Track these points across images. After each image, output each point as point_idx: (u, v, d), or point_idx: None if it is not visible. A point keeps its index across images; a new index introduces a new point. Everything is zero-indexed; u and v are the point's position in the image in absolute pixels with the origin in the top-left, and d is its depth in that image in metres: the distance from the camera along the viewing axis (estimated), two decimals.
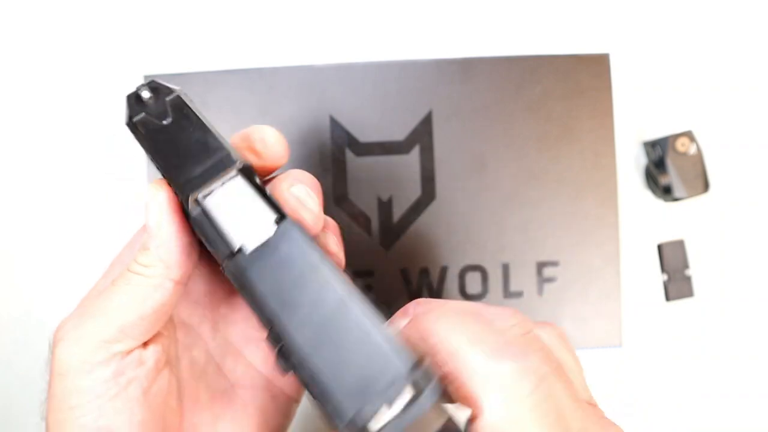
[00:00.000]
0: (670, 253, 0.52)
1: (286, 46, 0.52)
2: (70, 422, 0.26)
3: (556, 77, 0.48)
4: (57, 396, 0.26)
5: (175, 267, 0.27)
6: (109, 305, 0.27)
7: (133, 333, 0.27)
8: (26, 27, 0.52)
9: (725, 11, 0.53)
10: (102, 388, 0.26)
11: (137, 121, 0.27)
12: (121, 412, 0.26)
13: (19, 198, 0.52)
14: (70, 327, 0.27)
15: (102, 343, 0.26)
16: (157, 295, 0.27)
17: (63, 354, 0.26)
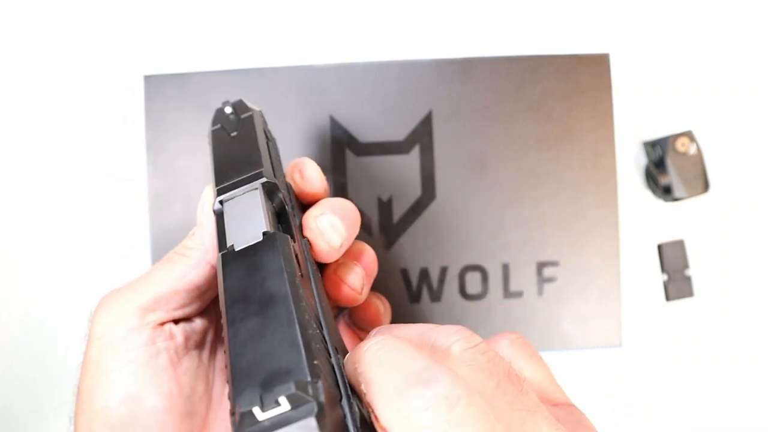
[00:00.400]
0: (670, 253, 0.52)
1: (286, 46, 0.52)
2: (102, 387, 0.27)
3: (556, 77, 0.48)
4: (92, 360, 0.28)
5: (212, 251, 0.29)
6: (147, 278, 0.29)
7: (166, 305, 0.29)
8: (26, 27, 0.52)
9: (725, 11, 0.53)
10: (134, 354, 0.28)
11: (213, 130, 0.33)
12: (151, 382, 0.28)
13: (19, 198, 0.52)
14: (112, 295, 0.29)
15: (136, 310, 0.28)
16: (192, 274, 0.29)
17: (100, 318, 0.28)
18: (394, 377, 0.20)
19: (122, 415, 0.27)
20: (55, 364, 0.52)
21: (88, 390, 0.28)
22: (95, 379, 0.28)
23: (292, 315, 0.22)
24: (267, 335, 0.21)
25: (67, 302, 0.52)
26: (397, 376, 0.20)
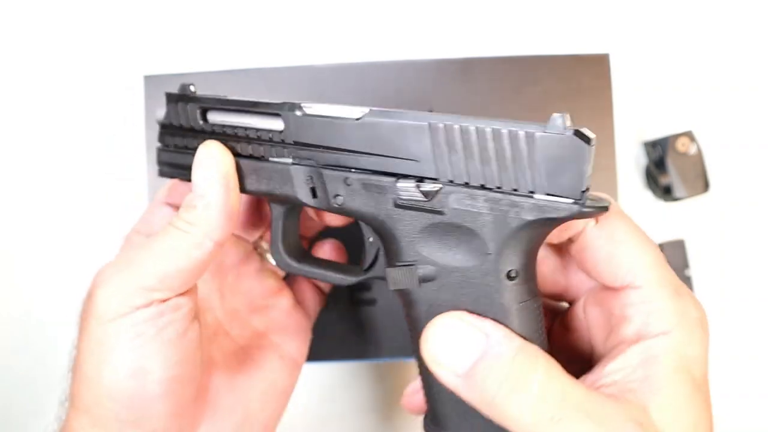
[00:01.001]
0: (670, 253, 0.52)
1: (286, 46, 0.52)
2: (109, 364, 0.27)
3: (556, 77, 0.48)
4: (95, 339, 0.28)
5: (218, 229, 0.29)
6: (150, 256, 0.28)
7: (171, 284, 0.28)
8: (27, 27, 0.52)
9: (725, 11, 0.53)
10: (141, 328, 0.28)
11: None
12: (158, 353, 0.28)
13: (20, 198, 0.52)
14: (111, 273, 0.29)
15: (140, 290, 0.28)
16: (197, 252, 0.29)
17: (102, 298, 0.28)
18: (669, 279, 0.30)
19: (131, 388, 0.28)
20: (55, 364, 0.52)
21: (93, 367, 0.28)
22: (101, 356, 0.28)
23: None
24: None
25: (67, 302, 0.52)
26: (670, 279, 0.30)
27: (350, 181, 0.29)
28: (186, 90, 0.33)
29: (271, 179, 0.31)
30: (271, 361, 0.35)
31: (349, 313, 0.48)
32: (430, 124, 0.27)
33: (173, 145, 0.34)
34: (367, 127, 0.28)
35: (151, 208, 0.35)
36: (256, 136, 0.31)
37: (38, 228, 0.52)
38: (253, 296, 0.36)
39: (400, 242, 0.29)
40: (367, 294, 0.48)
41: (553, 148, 0.25)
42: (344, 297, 0.48)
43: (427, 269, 0.28)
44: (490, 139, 0.26)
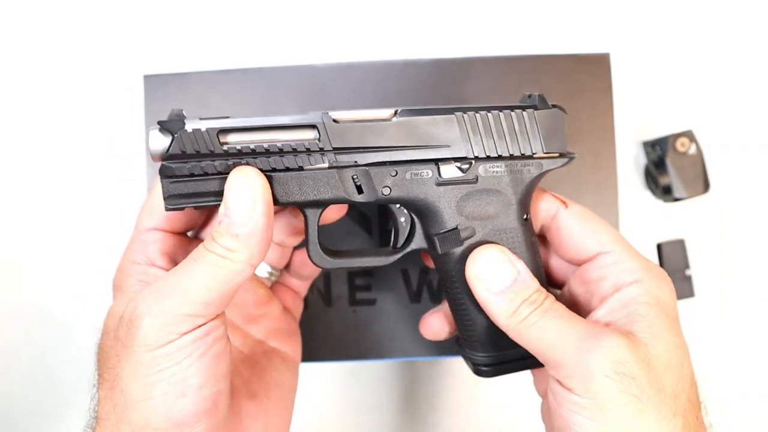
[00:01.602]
0: (670, 252, 0.52)
1: (286, 46, 0.52)
2: (157, 385, 0.28)
3: (556, 77, 0.48)
4: (143, 364, 0.28)
5: (257, 255, 0.30)
6: (191, 283, 0.29)
7: (213, 309, 0.29)
8: (26, 28, 0.52)
9: (725, 11, 0.53)
10: (188, 350, 0.29)
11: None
12: (205, 371, 0.29)
13: (20, 198, 0.52)
14: (151, 301, 0.29)
15: (186, 317, 0.29)
16: (238, 278, 0.30)
17: (150, 327, 0.28)
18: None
19: (182, 406, 0.29)
20: (56, 364, 0.52)
21: (141, 390, 0.28)
22: (149, 379, 0.28)
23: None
24: None
25: (67, 302, 0.52)
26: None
27: (396, 173, 0.34)
28: (181, 115, 0.32)
29: (315, 186, 0.33)
30: (276, 363, 0.37)
31: (349, 313, 0.48)
32: (456, 114, 0.34)
33: (188, 174, 0.32)
34: (404, 124, 0.34)
35: (138, 236, 0.34)
36: (291, 148, 0.32)
37: (38, 228, 0.52)
38: (248, 307, 0.38)
39: (443, 214, 0.35)
40: (367, 294, 0.48)
41: (546, 119, 0.35)
42: (344, 297, 0.48)
43: (467, 229, 0.35)
44: (503, 119, 0.35)
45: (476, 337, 0.37)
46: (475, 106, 0.34)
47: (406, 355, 0.48)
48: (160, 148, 0.32)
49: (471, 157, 0.34)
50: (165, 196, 0.32)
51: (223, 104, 0.48)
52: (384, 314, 0.48)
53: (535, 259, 0.37)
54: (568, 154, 0.36)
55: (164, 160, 0.32)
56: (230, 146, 0.32)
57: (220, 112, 0.48)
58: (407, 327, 0.48)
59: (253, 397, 0.35)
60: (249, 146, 0.32)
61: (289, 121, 0.32)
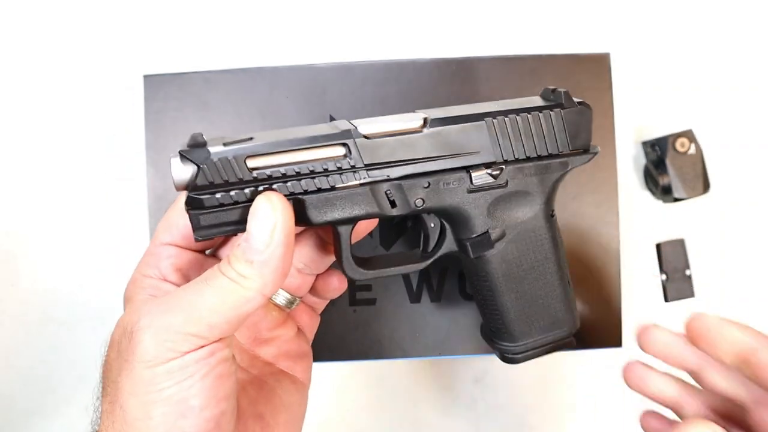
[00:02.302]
0: (670, 252, 0.52)
1: (286, 46, 0.52)
2: (158, 405, 0.27)
3: (556, 77, 0.48)
4: (143, 381, 0.27)
5: (271, 285, 0.29)
6: (199, 304, 0.28)
7: (218, 332, 0.28)
8: (26, 28, 0.52)
9: (725, 11, 0.53)
10: (190, 370, 0.28)
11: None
12: (207, 391, 0.28)
13: (19, 198, 0.52)
14: (155, 316, 0.28)
15: (190, 336, 0.28)
16: (248, 306, 0.28)
17: (151, 343, 0.27)
18: None
19: (182, 427, 0.28)
20: (56, 363, 0.52)
21: (141, 409, 0.28)
22: (149, 397, 0.28)
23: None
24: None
25: (67, 302, 0.52)
26: None
27: (429, 185, 0.34)
28: (203, 141, 0.30)
29: (350, 205, 0.32)
30: (285, 385, 0.36)
31: (349, 313, 0.48)
32: (486, 121, 0.34)
33: (218, 204, 0.30)
34: (434, 135, 0.33)
35: (153, 249, 0.33)
36: (322, 168, 0.31)
37: (38, 227, 0.52)
38: (259, 330, 0.37)
39: (475, 219, 0.35)
40: (367, 294, 0.48)
41: (572, 117, 0.35)
42: (344, 297, 0.48)
43: (497, 231, 0.36)
44: (531, 121, 0.34)
45: (505, 329, 0.39)
46: (503, 109, 0.34)
47: (406, 355, 0.48)
48: (185, 178, 0.30)
49: (501, 161, 0.34)
50: (195, 228, 0.30)
51: (223, 104, 0.48)
52: (384, 314, 0.48)
53: (560, 254, 0.38)
54: (592, 149, 0.36)
55: (190, 190, 0.30)
56: (259, 172, 0.30)
57: (221, 111, 0.48)
58: (407, 327, 0.48)
59: (260, 419, 0.34)
60: (279, 170, 0.31)
61: (318, 140, 0.31)
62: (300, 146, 0.31)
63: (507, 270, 0.37)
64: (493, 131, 0.34)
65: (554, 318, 0.38)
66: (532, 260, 0.37)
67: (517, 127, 0.34)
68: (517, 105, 0.34)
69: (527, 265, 0.37)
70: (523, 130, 0.34)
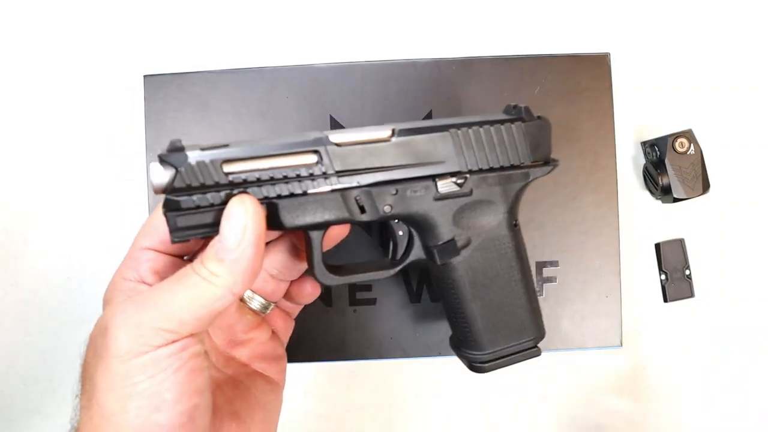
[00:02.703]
0: (669, 252, 0.52)
1: (286, 46, 0.52)
2: (132, 398, 0.28)
3: (556, 77, 0.48)
4: (118, 375, 0.28)
5: (240, 285, 0.30)
6: (171, 300, 0.29)
7: (189, 328, 0.29)
8: (26, 28, 0.52)
9: (725, 11, 0.53)
10: (163, 364, 0.29)
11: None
12: (180, 385, 0.29)
13: (20, 198, 0.52)
14: (130, 313, 0.29)
15: (160, 331, 0.28)
16: (218, 303, 0.29)
17: (123, 338, 0.28)
18: None
19: (156, 420, 0.28)
20: (57, 363, 0.52)
21: (116, 403, 0.28)
22: (124, 391, 0.28)
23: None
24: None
25: (68, 302, 0.52)
26: None
27: (396, 192, 0.35)
28: (181, 146, 0.31)
29: (320, 210, 0.34)
30: (260, 385, 0.37)
31: (349, 313, 0.48)
32: (451, 132, 0.35)
33: (194, 207, 0.31)
34: (402, 145, 0.35)
35: (133, 253, 0.34)
36: (295, 174, 0.33)
37: (38, 227, 0.52)
38: (234, 332, 0.38)
39: (441, 227, 0.37)
40: (367, 294, 0.48)
41: (532, 130, 0.37)
42: (344, 297, 0.48)
43: (463, 239, 0.37)
44: (493, 133, 0.36)
45: (472, 338, 0.39)
46: (467, 122, 0.36)
47: (406, 355, 0.48)
48: (163, 181, 0.31)
49: (465, 171, 0.36)
50: (171, 230, 0.31)
51: (223, 104, 0.48)
52: (384, 314, 0.48)
53: (525, 263, 0.39)
54: (553, 161, 0.38)
55: (168, 193, 0.31)
56: (235, 176, 0.32)
57: (221, 111, 0.48)
58: (407, 327, 0.48)
59: (236, 417, 0.35)
60: (253, 175, 0.32)
61: (291, 147, 0.33)
62: (274, 152, 0.32)
63: (473, 277, 0.38)
64: (458, 142, 0.35)
65: (520, 326, 0.39)
66: (497, 268, 0.38)
67: (480, 139, 0.36)
68: (480, 118, 0.36)
69: (492, 273, 0.38)
70: (486, 141, 0.36)
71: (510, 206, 0.37)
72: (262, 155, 0.32)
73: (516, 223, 0.38)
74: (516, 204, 0.38)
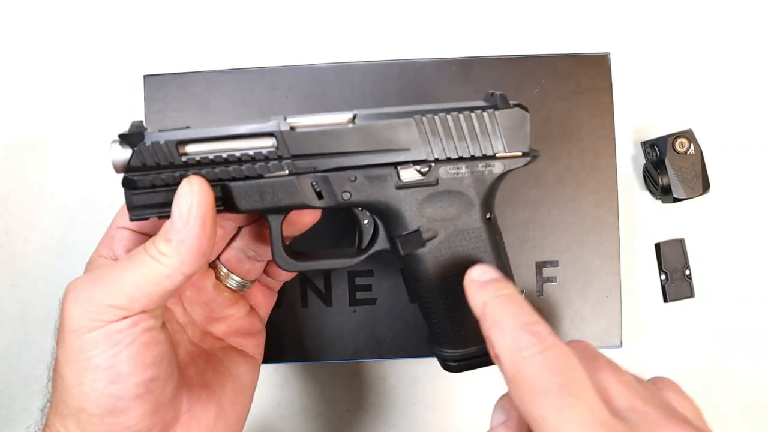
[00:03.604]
0: (669, 252, 0.52)
1: (286, 46, 0.52)
2: (87, 372, 0.29)
3: (556, 77, 0.48)
4: (74, 350, 0.30)
5: (188, 263, 0.30)
6: (121, 278, 0.30)
7: (139, 305, 0.30)
8: (27, 28, 0.52)
9: (725, 11, 0.53)
10: (116, 338, 0.29)
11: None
12: (133, 359, 0.30)
13: (20, 198, 0.52)
14: (81, 289, 0.30)
15: (111, 308, 0.29)
16: (167, 282, 0.30)
17: (76, 314, 0.30)
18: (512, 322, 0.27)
19: (111, 392, 0.30)
20: None
21: (74, 376, 0.30)
22: (79, 365, 0.30)
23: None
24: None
25: None
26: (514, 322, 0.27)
27: (355, 178, 0.34)
28: (141, 127, 0.33)
29: (275, 194, 0.34)
30: (234, 358, 0.39)
31: (349, 313, 0.48)
32: (415, 118, 0.34)
33: (150, 186, 0.33)
34: (362, 129, 0.33)
35: (110, 232, 0.36)
36: (250, 157, 0.33)
37: (38, 227, 0.52)
38: (212, 308, 0.39)
39: (405, 216, 0.35)
40: (367, 294, 0.48)
41: (507, 119, 0.35)
42: (344, 297, 0.48)
43: (429, 230, 0.36)
44: (463, 120, 0.34)
45: (443, 335, 0.38)
46: (435, 108, 0.34)
47: (406, 355, 0.48)
48: (121, 159, 0.32)
49: (431, 159, 0.34)
50: (129, 207, 0.33)
51: (223, 104, 0.48)
52: (384, 314, 0.48)
53: (500, 257, 0.37)
54: (532, 152, 0.36)
55: (126, 172, 0.32)
56: (189, 157, 0.32)
57: (221, 111, 0.48)
58: (407, 327, 0.48)
59: (206, 387, 0.36)
60: (208, 156, 0.32)
61: (247, 130, 0.33)
62: (230, 134, 0.33)
63: (440, 271, 0.36)
64: (423, 129, 0.34)
65: None
66: (467, 263, 0.35)
67: (447, 126, 0.34)
68: (452, 105, 0.35)
69: (463, 267, 0.34)
70: (454, 129, 0.34)
71: (483, 198, 0.36)
72: (218, 137, 0.33)
73: (490, 216, 0.37)
74: (490, 196, 0.36)
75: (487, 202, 0.36)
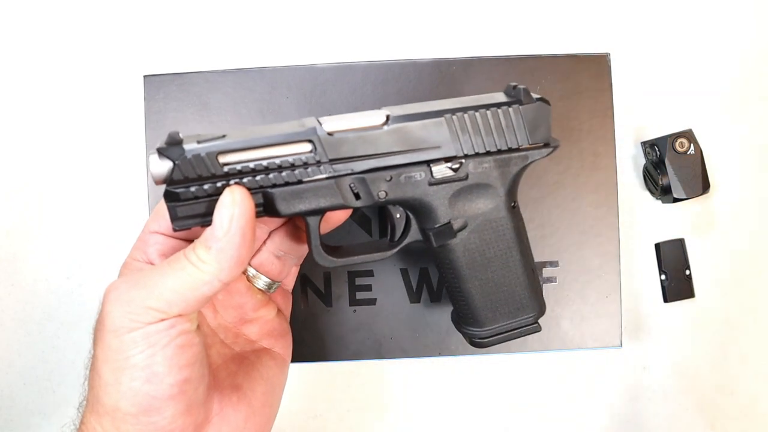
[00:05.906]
0: (669, 252, 0.52)
1: (286, 46, 0.52)
2: (124, 371, 0.30)
3: (556, 77, 0.48)
4: (112, 349, 0.30)
5: (227, 271, 0.31)
6: (160, 282, 0.31)
7: (177, 309, 0.31)
8: (27, 28, 0.52)
9: (725, 12, 0.53)
10: (153, 339, 0.30)
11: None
12: (169, 360, 0.31)
13: (20, 198, 0.52)
14: (123, 290, 0.31)
15: (149, 309, 0.30)
16: (205, 288, 0.31)
17: (116, 314, 0.30)
18: None
19: (147, 392, 0.30)
20: (57, 362, 0.52)
21: (111, 374, 0.31)
22: (117, 364, 0.30)
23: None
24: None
25: (67, 302, 0.52)
26: None
27: (391, 178, 0.35)
28: (178, 138, 0.32)
29: (315, 197, 0.34)
30: (265, 360, 0.39)
31: (349, 313, 0.48)
32: (446, 117, 0.35)
33: (192, 197, 0.32)
34: (395, 131, 0.34)
35: (143, 236, 0.36)
36: (290, 164, 0.33)
37: (38, 227, 0.52)
38: (245, 310, 0.39)
39: (437, 211, 0.37)
40: (367, 294, 0.48)
41: (531, 113, 0.36)
42: (344, 297, 0.48)
43: (459, 222, 0.37)
44: (490, 117, 0.36)
45: (471, 315, 0.40)
46: (463, 107, 0.35)
47: (406, 355, 0.48)
48: (161, 172, 0.32)
49: (461, 155, 0.36)
50: (173, 219, 0.33)
51: (223, 104, 0.48)
52: (384, 314, 0.48)
53: (524, 241, 0.40)
54: (553, 142, 0.38)
55: (167, 184, 0.32)
56: (230, 167, 0.33)
57: (221, 112, 0.48)
58: (407, 327, 0.48)
59: (237, 389, 0.36)
60: (248, 165, 0.33)
61: (284, 137, 0.33)
62: (268, 143, 0.33)
63: (470, 258, 0.38)
64: (453, 127, 0.35)
65: (519, 304, 0.40)
66: (495, 249, 0.38)
67: (476, 123, 0.35)
68: (478, 102, 0.36)
69: (490, 254, 0.38)
70: (482, 125, 0.36)
71: (508, 189, 0.37)
72: (257, 146, 0.33)
73: (515, 205, 0.38)
74: (514, 186, 0.38)
75: (511, 191, 0.38)
